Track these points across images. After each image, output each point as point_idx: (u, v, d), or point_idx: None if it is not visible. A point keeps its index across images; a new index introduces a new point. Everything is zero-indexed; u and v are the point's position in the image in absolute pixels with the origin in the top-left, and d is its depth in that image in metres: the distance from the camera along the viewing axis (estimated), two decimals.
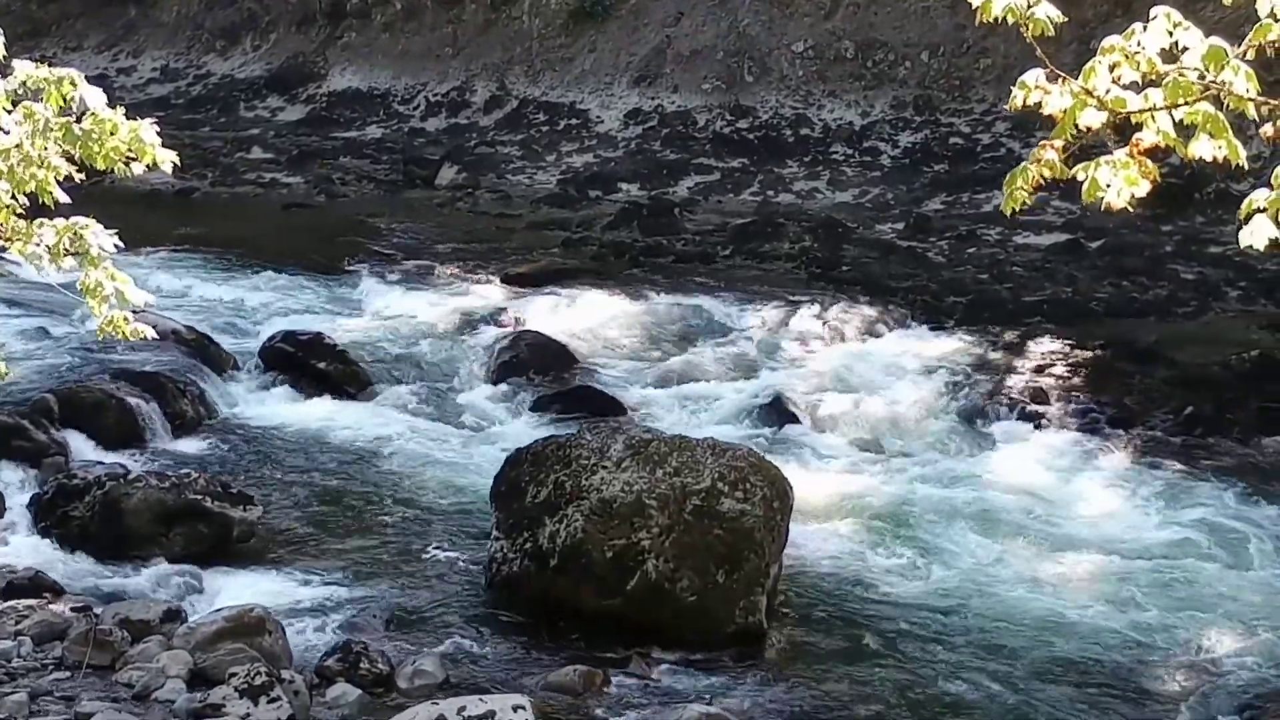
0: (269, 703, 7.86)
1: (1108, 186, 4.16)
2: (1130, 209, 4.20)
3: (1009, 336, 15.85)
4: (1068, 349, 15.27)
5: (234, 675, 8.03)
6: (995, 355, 15.29)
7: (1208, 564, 10.75)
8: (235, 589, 9.91)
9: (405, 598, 9.98)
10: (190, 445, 12.96)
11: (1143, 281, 17.89)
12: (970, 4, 4.27)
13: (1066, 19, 4.33)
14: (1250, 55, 4.05)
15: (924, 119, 24.85)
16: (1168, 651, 9.45)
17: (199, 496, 10.65)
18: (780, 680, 9.03)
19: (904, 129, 24.85)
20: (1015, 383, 14.43)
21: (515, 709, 7.66)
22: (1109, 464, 12.76)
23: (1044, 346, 15.41)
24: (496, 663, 9.11)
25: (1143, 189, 4.17)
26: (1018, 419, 13.73)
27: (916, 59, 25.55)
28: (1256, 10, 4.01)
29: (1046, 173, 4.26)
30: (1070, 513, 11.72)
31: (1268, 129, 4.07)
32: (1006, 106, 4.21)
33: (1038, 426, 13.58)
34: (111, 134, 5.92)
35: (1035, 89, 4.19)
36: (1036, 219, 20.26)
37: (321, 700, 8.35)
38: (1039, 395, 14.06)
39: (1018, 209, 4.36)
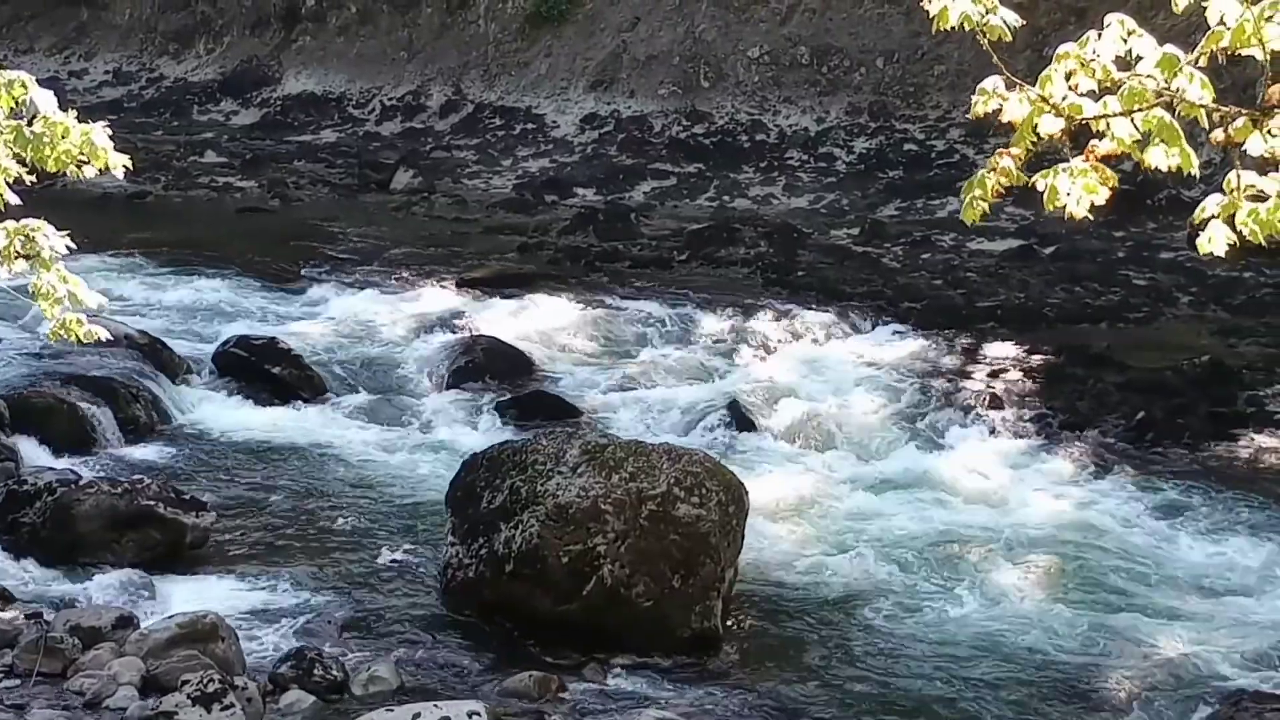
0: (222, 710, 7.81)
1: (1068, 194, 4.17)
2: (1090, 217, 4.21)
3: (963, 341, 15.92)
4: (1021, 354, 15.35)
5: (186, 682, 7.98)
6: (949, 360, 15.36)
7: (1160, 567, 10.82)
8: (188, 595, 9.84)
9: (360, 604, 9.94)
10: (143, 451, 12.87)
11: (1095, 287, 18.01)
12: (925, 12, 4.28)
13: (1023, 23, 4.35)
14: (1202, 62, 4.08)
15: (879, 125, 24.95)
16: (1119, 654, 9.50)
17: (151, 502, 10.57)
18: (735, 685, 9.04)
19: (859, 135, 24.94)
20: (969, 387, 14.49)
21: (470, 715, 7.64)
22: (1061, 468, 12.83)
23: (997, 351, 15.49)
24: (451, 669, 9.08)
25: (1102, 197, 4.19)
26: (971, 424, 13.79)
27: (871, 65, 25.65)
28: (1206, 18, 4.04)
29: (1005, 180, 4.27)
30: (1023, 517, 11.77)
31: (1218, 134, 4.09)
32: (969, 115, 4.22)
33: (991, 431, 13.64)
34: (63, 137, 5.89)
35: (994, 96, 4.20)
36: (990, 225, 20.35)
37: (275, 707, 8.31)
38: (993, 400, 14.13)
39: (978, 219, 4.37)
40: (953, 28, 4.29)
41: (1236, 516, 11.70)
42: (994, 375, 14.80)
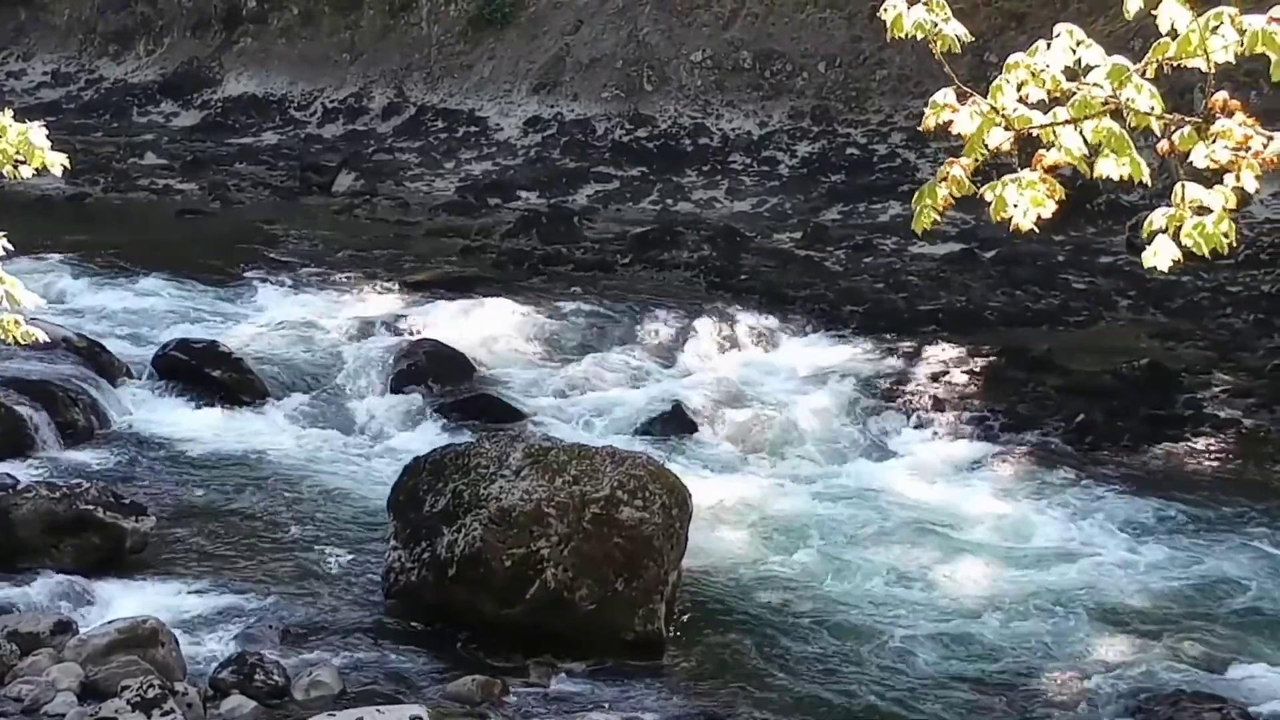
0: (162, 716, 7.76)
1: (1014, 206, 4.19)
2: (1036, 229, 4.24)
3: (905, 345, 16.00)
4: (962, 357, 15.45)
5: (126, 688, 7.91)
6: (891, 364, 15.43)
7: (1098, 569, 10.90)
8: (128, 600, 9.76)
9: (302, 608, 9.88)
10: (82, 455, 12.76)
11: (1035, 291, 18.14)
12: (867, 18, 4.31)
13: (971, 38, 4.37)
14: (1149, 72, 4.11)
15: (821, 129, 25.05)
16: (1059, 656, 9.57)
17: (90, 507, 10.47)
18: (679, 687, 9.05)
19: (801, 139, 25.03)
20: (910, 391, 14.57)
21: (412, 719, 7.61)
22: (1002, 471, 12.92)
23: (939, 355, 15.57)
24: (394, 673, 9.05)
25: (1049, 209, 4.21)
26: (913, 427, 13.87)
27: (814, 70, 25.75)
28: (1146, 25, 4.07)
29: (955, 191, 4.29)
30: (963, 519, 11.84)
31: (1164, 145, 4.12)
32: (910, 119, 4.25)
33: (933, 434, 13.72)
34: None
35: (945, 108, 4.22)
36: (932, 229, 20.40)
37: (216, 713, 8.25)
38: (934, 403, 14.21)
39: (928, 228, 4.38)
40: (905, 37, 4.30)
41: (1175, 518, 11.80)
42: (935, 378, 14.88)
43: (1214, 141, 4.04)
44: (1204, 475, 12.81)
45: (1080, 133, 4.13)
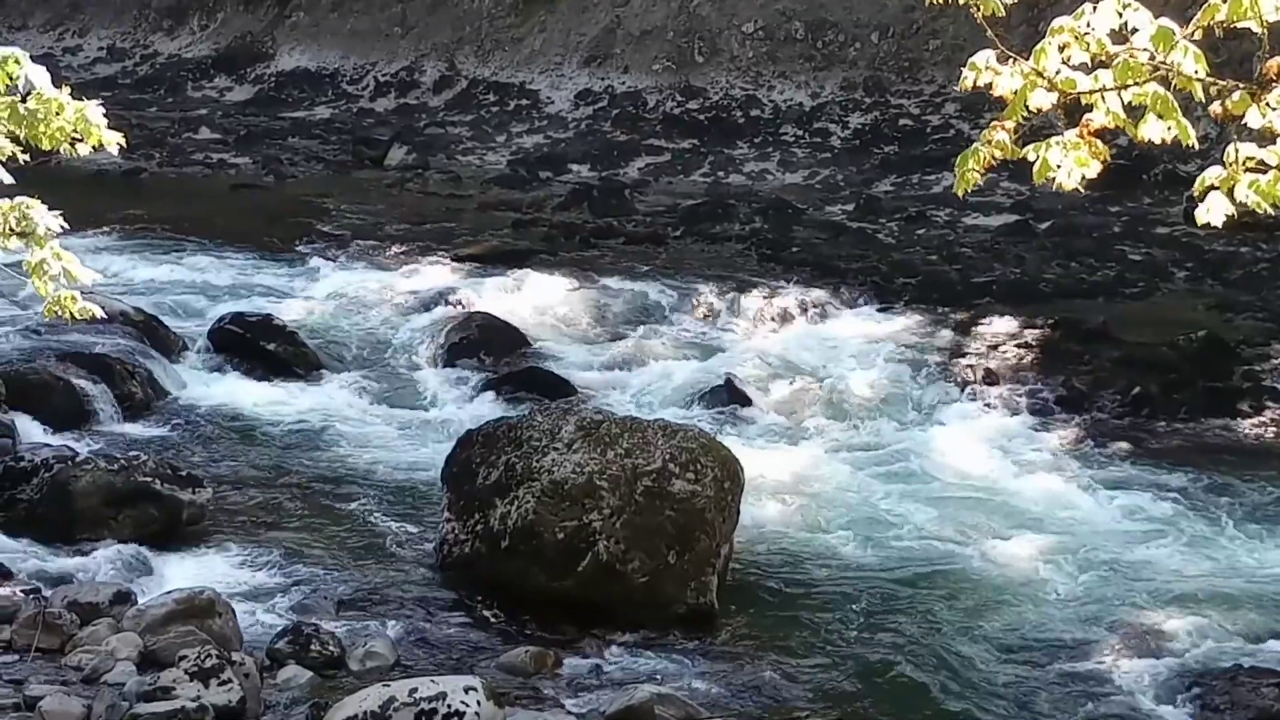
0: (219, 685, 7.82)
1: (1058, 167, 4.18)
2: (1081, 190, 4.23)
3: (958, 317, 15.92)
4: (1016, 330, 15.36)
5: (184, 658, 7.98)
6: (945, 336, 15.36)
7: (1154, 544, 10.84)
8: (185, 571, 9.86)
9: (356, 580, 9.95)
10: (139, 427, 12.87)
11: (1091, 262, 18.00)
12: None
13: (1016, 1, 4.34)
14: (1198, 35, 4.08)
15: (874, 100, 24.91)
16: (1115, 631, 9.52)
17: (148, 479, 10.57)
18: (731, 660, 9.06)
19: (854, 110, 24.90)
20: (964, 363, 14.50)
21: (466, 690, 7.66)
22: (1057, 444, 12.85)
23: (993, 327, 15.49)
24: (448, 644, 9.10)
25: (1093, 169, 4.20)
26: (967, 399, 13.80)
27: (866, 40, 25.60)
28: None
29: (998, 154, 4.28)
30: (1018, 493, 11.79)
31: (1216, 107, 4.10)
32: (957, 87, 4.22)
33: (987, 407, 13.65)
34: (57, 114, 5.88)
35: (986, 70, 4.20)
36: (986, 200, 20.36)
37: (272, 682, 8.33)
38: (988, 376, 14.14)
39: (969, 190, 4.38)
40: (948, 1, 4.29)
41: (1232, 492, 11.72)
42: (989, 351, 14.80)
43: (1269, 108, 4.01)
44: (1263, 449, 12.71)
45: (1120, 96, 4.11)
